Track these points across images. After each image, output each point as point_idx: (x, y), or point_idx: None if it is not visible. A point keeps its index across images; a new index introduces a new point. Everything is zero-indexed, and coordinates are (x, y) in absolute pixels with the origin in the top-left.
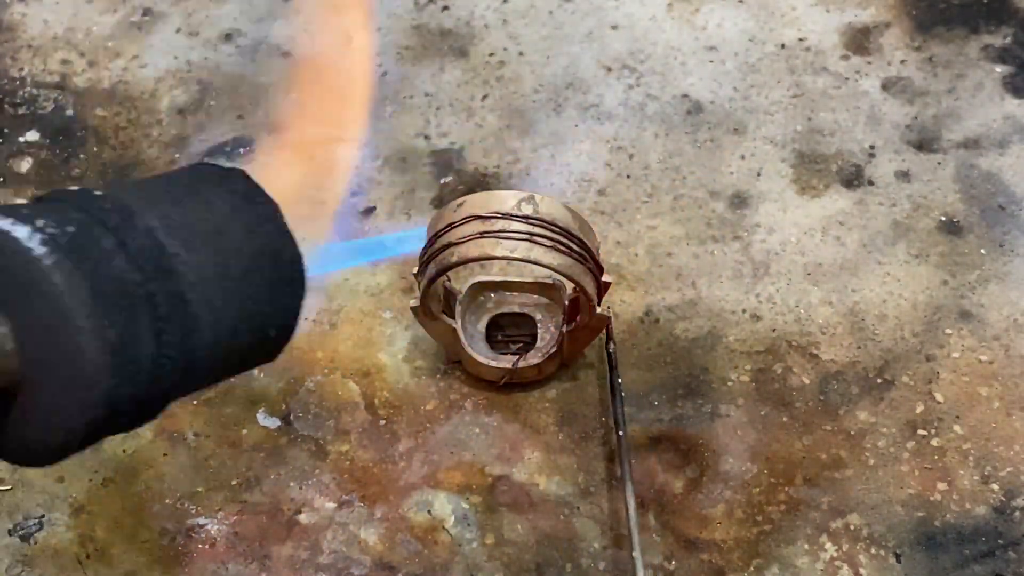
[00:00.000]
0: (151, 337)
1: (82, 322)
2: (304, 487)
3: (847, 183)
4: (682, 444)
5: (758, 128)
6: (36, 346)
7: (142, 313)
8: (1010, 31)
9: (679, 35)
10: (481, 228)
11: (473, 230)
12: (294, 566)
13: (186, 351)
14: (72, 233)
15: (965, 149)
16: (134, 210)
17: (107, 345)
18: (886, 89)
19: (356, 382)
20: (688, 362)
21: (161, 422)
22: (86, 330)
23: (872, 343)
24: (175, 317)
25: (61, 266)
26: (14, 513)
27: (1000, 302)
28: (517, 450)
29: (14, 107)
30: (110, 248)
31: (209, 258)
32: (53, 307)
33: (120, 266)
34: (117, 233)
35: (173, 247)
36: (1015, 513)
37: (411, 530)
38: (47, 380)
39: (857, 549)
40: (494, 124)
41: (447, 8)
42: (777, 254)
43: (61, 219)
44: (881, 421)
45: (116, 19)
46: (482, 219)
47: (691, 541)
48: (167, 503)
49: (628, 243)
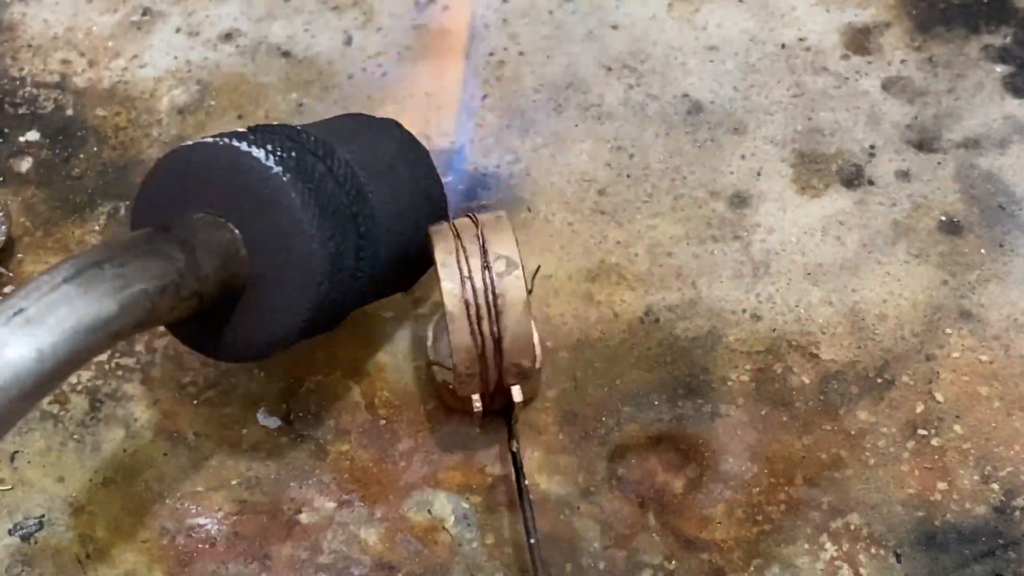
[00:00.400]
0: (353, 252)
1: (314, 231)
2: (304, 487)
3: (847, 183)
4: (682, 444)
5: (758, 128)
6: (268, 252)
7: (350, 230)
8: (1010, 31)
9: (679, 35)
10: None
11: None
12: (294, 566)
13: (372, 267)
14: (296, 157)
15: (965, 149)
16: (333, 144)
17: (328, 255)
18: (886, 89)
19: (356, 382)
20: (688, 362)
21: (161, 422)
22: (316, 238)
23: (872, 343)
24: (370, 236)
25: (295, 184)
26: (14, 513)
27: (1000, 302)
28: None
29: (14, 107)
30: (323, 172)
31: (387, 189)
32: (291, 219)
33: (332, 189)
34: (324, 161)
35: (364, 178)
36: (1015, 513)
37: (411, 530)
38: (276, 282)
39: (857, 549)
40: (494, 124)
41: (447, 8)
42: (777, 254)
43: (284, 145)
44: (881, 421)
45: (116, 19)
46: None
47: (691, 541)
48: (167, 503)
49: (628, 243)
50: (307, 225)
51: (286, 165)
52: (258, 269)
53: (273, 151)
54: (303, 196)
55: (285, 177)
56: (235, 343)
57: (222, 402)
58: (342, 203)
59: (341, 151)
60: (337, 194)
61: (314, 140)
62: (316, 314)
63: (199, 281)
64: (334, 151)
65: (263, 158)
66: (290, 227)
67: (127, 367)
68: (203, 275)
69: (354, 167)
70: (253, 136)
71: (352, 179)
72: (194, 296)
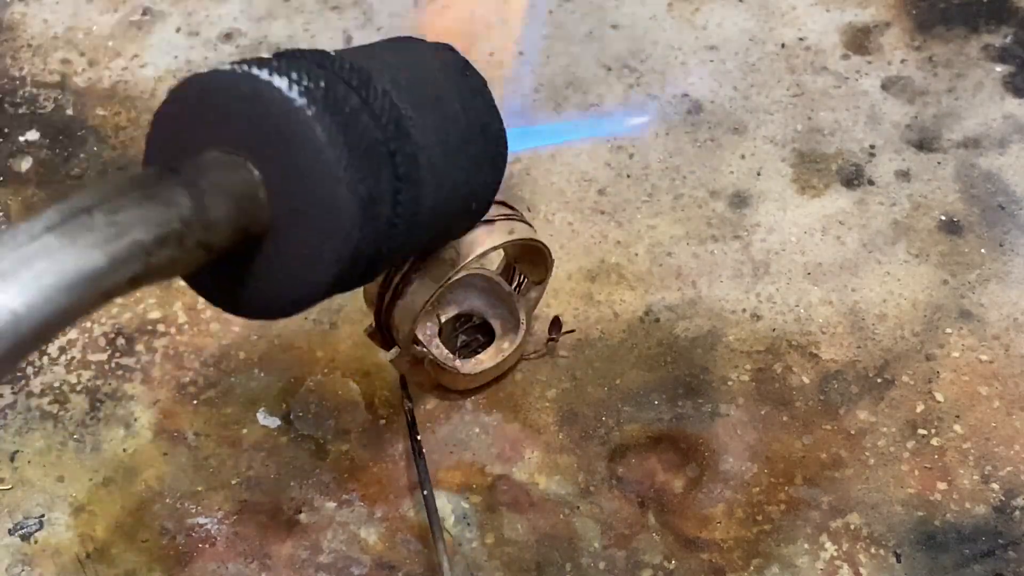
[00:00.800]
0: (390, 196)
1: (341, 174)
2: (304, 487)
3: (847, 183)
4: (682, 444)
5: (758, 128)
6: (291, 196)
7: (385, 171)
8: (1010, 31)
9: (679, 35)
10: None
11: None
12: (294, 566)
13: (412, 214)
14: (324, 88)
15: (965, 149)
16: (370, 72)
17: (359, 200)
18: (886, 89)
19: (356, 382)
20: (688, 362)
21: (161, 422)
22: (344, 181)
23: (872, 343)
24: (409, 179)
25: (321, 119)
26: (14, 513)
27: (1000, 301)
28: (517, 450)
29: (14, 107)
30: (357, 105)
31: (433, 124)
32: (315, 158)
33: (367, 123)
34: (359, 93)
35: (406, 109)
36: (1015, 513)
37: (411, 530)
38: (299, 231)
39: (857, 549)
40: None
41: (447, 8)
42: (777, 254)
43: (312, 74)
44: (881, 421)
45: (116, 19)
46: None
47: (691, 541)
48: (167, 503)
49: (628, 243)
50: (334, 166)
51: (312, 96)
52: (280, 216)
53: (298, 80)
54: (330, 132)
55: (310, 110)
56: (255, 299)
57: (222, 402)
58: (377, 139)
59: (380, 80)
60: (372, 129)
61: (348, 67)
62: (347, 268)
63: (206, 229)
64: (371, 80)
65: (285, 88)
66: (314, 168)
67: (127, 367)
68: (211, 222)
69: (394, 98)
70: (277, 63)
71: (391, 112)
72: (200, 247)
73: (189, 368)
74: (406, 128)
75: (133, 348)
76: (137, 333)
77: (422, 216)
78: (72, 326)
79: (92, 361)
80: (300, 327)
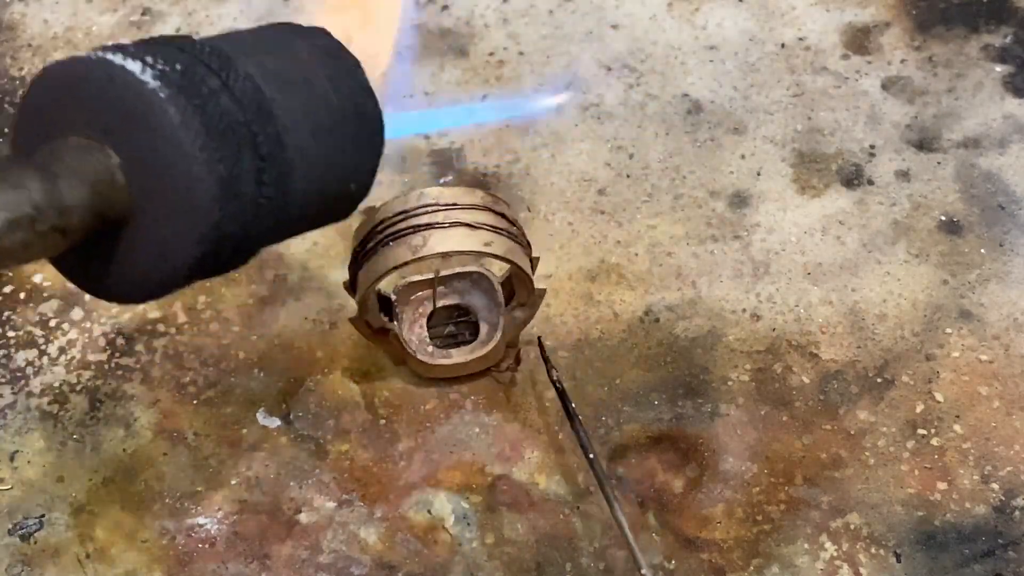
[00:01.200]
0: (253, 176)
1: (196, 154)
2: (304, 487)
3: (847, 183)
4: (682, 444)
5: (758, 128)
6: (148, 178)
7: (246, 152)
8: (1010, 31)
9: (679, 35)
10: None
11: (395, 229)
12: (294, 566)
13: (281, 194)
14: (181, 71)
15: (965, 149)
16: (232, 55)
17: (218, 179)
18: (886, 89)
19: (356, 382)
20: (688, 362)
21: (161, 422)
22: (200, 161)
23: (872, 343)
24: (274, 159)
25: (175, 100)
26: (14, 513)
27: (1000, 301)
28: (517, 450)
29: (14, 107)
30: (216, 87)
31: (300, 106)
32: (168, 139)
33: (226, 105)
34: (220, 75)
35: (270, 91)
36: (1015, 513)
37: (411, 530)
38: (158, 213)
39: (857, 548)
40: (494, 123)
41: (447, 7)
42: (777, 254)
43: (169, 57)
44: (881, 421)
45: (116, 19)
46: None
47: (691, 540)
48: (167, 503)
49: (628, 243)
50: (188, 146)
51: (167, 79)
52: (140, 198)
53: (152, 63)
54: (184, 113)
55: (163, 92)
56: (121, 282)
57: (222, 402)
58: (238, 121)
59: (243, 63)
60: (233, 111)
61: (209, 51)
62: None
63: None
64: (232, 63)
65: (138, 71)
66: (168, 148)
67: (127, 367)
68: (66, 207)
69: (258, 80)
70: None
71: (253, 94)
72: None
73: (189, 368)
74: (268, 108)
75: (133, 348)
76: (137, 333)
77: (293, 196)
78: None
79: (92, 361)
80: (300, 327)
